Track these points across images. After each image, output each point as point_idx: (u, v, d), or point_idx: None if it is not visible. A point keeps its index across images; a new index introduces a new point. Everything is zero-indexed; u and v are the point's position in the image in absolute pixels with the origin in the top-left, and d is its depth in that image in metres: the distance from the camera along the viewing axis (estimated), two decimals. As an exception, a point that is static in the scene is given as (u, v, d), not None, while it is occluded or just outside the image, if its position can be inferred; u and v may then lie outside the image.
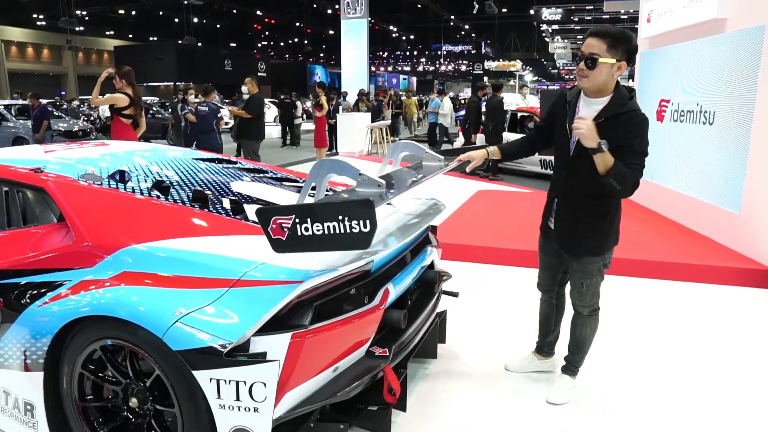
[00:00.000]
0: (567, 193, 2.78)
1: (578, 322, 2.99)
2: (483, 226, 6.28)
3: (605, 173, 2.46)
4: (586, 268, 2.82)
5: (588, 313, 2.95)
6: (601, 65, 2.51)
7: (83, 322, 2.20)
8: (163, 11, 36.40)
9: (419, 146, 3.00)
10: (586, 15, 37.07)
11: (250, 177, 3.35)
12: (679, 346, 3.68)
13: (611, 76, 2.55)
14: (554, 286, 3.11)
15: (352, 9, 19.69)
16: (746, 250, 5.07)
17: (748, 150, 5.01)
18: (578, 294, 2.91)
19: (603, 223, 2.73)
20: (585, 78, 2.56)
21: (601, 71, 2.52)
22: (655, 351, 3.60)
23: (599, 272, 2.85)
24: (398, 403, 2.60)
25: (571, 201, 2.77)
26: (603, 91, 2.60)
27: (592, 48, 2.52)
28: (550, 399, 3.01)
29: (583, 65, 2.53)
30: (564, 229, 2.81)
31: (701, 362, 3.47)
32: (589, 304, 2.92)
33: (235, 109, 9.01)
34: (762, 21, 4.88)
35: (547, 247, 3.00)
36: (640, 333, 3.88)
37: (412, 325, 2.75)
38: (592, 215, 2.73)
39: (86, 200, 2.55)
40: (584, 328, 2.98)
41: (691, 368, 3.39)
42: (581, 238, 2.77)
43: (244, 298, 2.06)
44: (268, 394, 1.99)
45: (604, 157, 2.44)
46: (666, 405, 2.99)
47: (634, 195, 2.59)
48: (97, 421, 2.34)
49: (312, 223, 1.91)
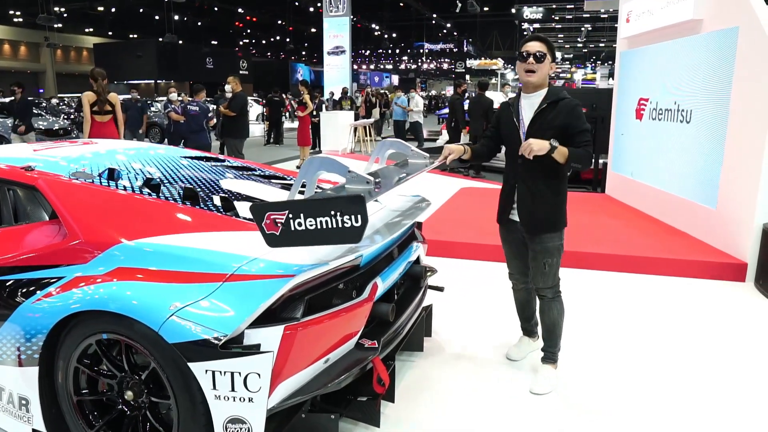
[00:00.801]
0: (525, 177, 3.04)
1: (544, 307, 3.17)
2: (466, 223, 6.37)
3: (565, 162, 2.83)
4: (547, 246, 3.06)
5: (552, 296, 3.14)
6: (546, 61, 2.98)
7: (78, 317, 2.24)
8: (144, 8, 36.00)
9: (405, 144, 3.08)
10: (567, 14, 37.43)
11: (239, 174, 3.40)
12: (657, 338, 3.80)
13: (548, 71, 3.02)
14: (527, 270, 3.26)
15: (334, 7, 19.72)
16: (721, 245, 5.22)
17: (724, 147, 5.16)
18: (541, 276, 3.11)
19: (557, 200, 3.06)
20: (533, 72, 2.98)
21: (545, 66, 2.98)
22: (634, 343, 3.71)
23: (558, 252, 3.10)
24: (387, 394, 2.68)
25: (528, 184, 3.04)
26: (543, 85, 3.04)
27: (537, 48, 2.97)
28: (533, 389, 3.11)
29: (533, 60, 2.96)
30: (526, 212, 3.06)
31: (679, 354, 3.58)
32: (552, 285, 3.12)
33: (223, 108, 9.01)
34: (736, 23, 5.03)
35: (511, 236, 3.24)
36: (619, 326, 4.00)
37: (399, 319, 2.83)
38: (547, 194, 3.03)
39: (78, 198, 2.58)
40: (551, 312, 3.15)
41: (669, 360, 3.50)
42: (541, 215, 3.04)
43: (238, 292, 2.11)
44: (263, 384, 2.05)
45: (560, 151, 2.80)
46: (645, 396, 3.09)
47: (613, 191, 2.73)
48: (93, 415, 2.38)
49: (305, 218, 1.97)
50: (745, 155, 4.87)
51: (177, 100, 9.27)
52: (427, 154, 3.15)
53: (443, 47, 52.71)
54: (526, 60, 2.96)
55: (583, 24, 40.91)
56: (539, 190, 3.02)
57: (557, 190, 3.05)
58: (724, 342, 3.77)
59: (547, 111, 2.97)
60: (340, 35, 19.86)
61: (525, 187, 3.05)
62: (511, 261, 3.33)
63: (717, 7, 5.47)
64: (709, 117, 5.41)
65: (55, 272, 2.37)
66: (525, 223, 3.08)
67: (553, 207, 3.06)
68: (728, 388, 3.17)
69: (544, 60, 2.96)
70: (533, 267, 3.13)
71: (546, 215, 3.05)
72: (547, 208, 3.04)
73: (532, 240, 3.08)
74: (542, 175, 3.00)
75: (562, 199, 3.09)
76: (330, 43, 19.99)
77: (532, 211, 3.05)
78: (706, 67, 5.49)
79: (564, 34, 48.11)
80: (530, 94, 3.05)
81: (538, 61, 2.95)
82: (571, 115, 2.93)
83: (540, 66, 2.96)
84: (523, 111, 3.06)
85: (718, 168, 5.23)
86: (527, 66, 2.97)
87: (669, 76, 6.23)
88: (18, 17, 36.75)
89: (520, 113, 3.07)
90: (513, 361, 3.43)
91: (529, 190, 3.04)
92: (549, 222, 3.05)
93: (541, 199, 3.02)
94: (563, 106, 2.96)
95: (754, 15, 4.79)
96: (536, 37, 3.03)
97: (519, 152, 2.87)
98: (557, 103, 2.97)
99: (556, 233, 3.07)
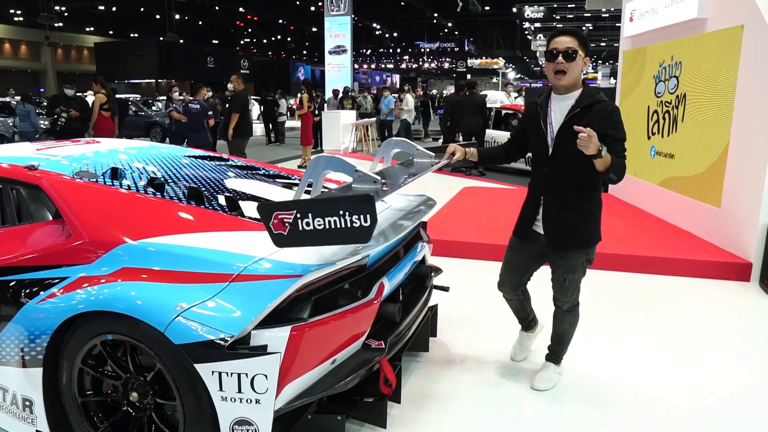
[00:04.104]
0: (552, 190, 2.82)
1: (558, 317, 3.06)
2: (469, 222, 6.36)
3: (604, 170, 2.55)
4: (571, 263, 2.86)
5: (567, 309, 3.01)
6: (578, 58, 2.64)
7: (83, 317, 2.22)
8: (145, 7, 35.96)
9: (410, 143, 3.05)
10: (568, 13, 37.37)
11: (243, 174, 3.38)
12: (661, 338, 3.78)
13: (582, 70, 2.69)
14: (520, 287, 3.12)
15: (335, 6, 19.69)
16: (726, 244, 5.20)
17: (729, 146, 5.13)
18: (560, 289, 2.95)
19: (588, 213, 2.81)
20: (563, 74, 2.66)
21: (578, 64, 2.65)
22: (637, 343, 3.69)
23: (582, 268, 2.90)
24: (394, 395, 2.66)
25: (555, 196, 2.81)
26: (576, 86, 2.72)
27: (568, 44, 2.64)
28: (535, 386, 3.09)
29: (563, 58, 2.63)
30: (552, 226, 2.83)
31: (684, 354, 3.56)
32: (570, 299, 2.97)
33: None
34: (741, 21, 5.00)
35: (523, 247, 2.99)
36: (623, 326, 3.98)
37: (406, 319, 2.81)
38: (577, 207, 2.78)
39: (83, 197, 2.56)
40: (564, 323, 3.05)
41: (673, 360, 3.48)
42: (569, 230, 2.80)
43: (245, 293, 2.09)
44: (270, 385, 2.03)
45: (605, 160, 2.52)
46: (649, 397, 3.07)
47: (616, 191, 2.68)
48: (97, 416, 2.37)
49: (313, 218, 1.95)
50: (749, 154, 4.85)
51: (179, 99, 9.26)
52: (432, 153, 3.12)
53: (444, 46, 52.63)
54: (555, 59, 2.64)
55: (585, 23, 40.86)
56: (567, 203, 2.77)
57: (588, 202, 2.79)
58: (728, 342, 3.75)
59: (579, 116, 2.64)
60: (341, 34, 19.82)
61: (550, 200, 2.81)
62: (510, 273, 3.08)
63: (721, 5, 5.45)
64: (714, 115, 5.38)
65: (59, 272, 2.35)
66: (551, 238, 2.83)
67: (584, 221, 2.79)
68: (733, 388, 3.15)
69: (575, 57, 2.62)
70: (553, 280, 2.96)
71: (574, 231, 2.79)
72: (576, 223, 2.78)
73: (555, 254, 2.87)
74: (571, 186, 2.74)
75: (594, 212, 2.82)
76: (331, 42, 19.96)
77: (559, 224, 2.79)
78: (710, 65, 5.46)
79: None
80: (562, 95, 2.74)
81: (569, 60, 2.62)
82: (607, 122, 2.61)
83: (571, 65, 2.63)
84: (552, 114, 2.76)
85: (723, 167, 5.20)
86: (557, 66, 2.64)
87: (673, 75, 6.21)
88: (19, 16, 36.71)
89: (549, 116, 2.76)
90: (517, 362, 3.38)
91: (556, 203, 2.79)
92: (577, 238, 2.81)
93: (570, 213, 2.77)
94: (599, 110, 2.63)
95: (759, 13, 4.76)
96: (565, 31, 2.68)
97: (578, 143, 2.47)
98: (592, 107, 2.65)
99: (584, 249, 2.84)
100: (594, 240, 2.87)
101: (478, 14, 33.23)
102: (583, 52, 2.66)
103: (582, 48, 2.65)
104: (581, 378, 3.22)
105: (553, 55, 2.65)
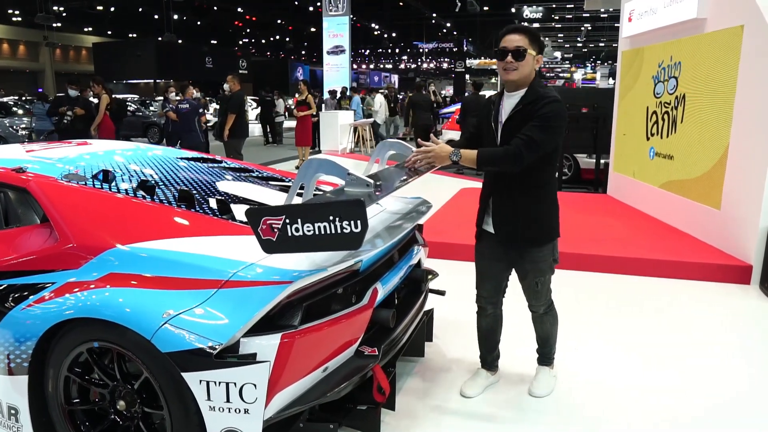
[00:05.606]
0: (500, 187, 2.77)
1: (537, 320, 3.03)
2: (467, 224, 6.28)
3: (477, 167, 2.59)
4: (539, 266, 2.82)
5: (544, 311, 3.00)
6: (529, 56, 2.62)
7: (69, 324, 2.17)
8: (143, 7, 35.88)
9: (406, 145, 3.00)
10: (567, 13, 37.36)
11: (236, 176, 3.33)
12: (660, 341, 3.73)
13: (533, 67, 2.66)
14: (499, 295, 3.03)
15: (333, 6, 19.63)
16: (726, 247, 5.15)
17: (729, 147, 5.09)
18: (534, 294, 2.92)
19: (538, 210, 2.76)
20: (514, 71, 2.63)
21: (528, 62, 2.63)
22: (636, 347, 3.65)
23: (551, 268, 2.88)
24: (387, 402, 2.61)
25: (505, 194, 2.76)
26: (525, 84, 2.68)
27: (517, 42, 2.61)
28: (533, 392, 3.05)
29: (512, 57, 2.61)
30: (504, 225, 2.78)
31: (684, 357, 3.52)
32: (544, 301, 2.96)
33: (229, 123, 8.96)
34: (740, 21, 4.96)
35: (488, 252, 2.91)
36: (622, 329, 3.93)
37: (400, 324, 2.76)
38: (528, 204, 2.74)
39: (70, 200, 2.51)
40: (544, 325, 3.03)
41: (673, 363, 3.44)
42: (520, 229, 2.75)
43: (234, 299, 2.04)
44: (259, 395, 1.98)
45: (466, 157, 2.56)
46: (648, 401, 3.03)
47: (615, 193, 2.62)
48: (84, 425, 2.32)
49: (302, 224, 1.90)
50: (750, 155, 4.81)
51: (176, 99, 9.23)
52: None
53: (443, 46, 52.58)
54: (504, 58, 2.61)
55: (583, 23, 40.84)
56: (516, 200, 2.72)
57: (537, 198, 2.74)
58: (728, 345, 3.71)
59: (523, 112, 2.62)
60: (339, 35, 19.76)
61: (499, 198, 2.78)
62: (485, 281, 2.98)
63: (721, 5, 5.40)
64: (713, 116, 5.34)
65: (47, 278, 2.31)
66: (501, 236, 2.79)
67: (536, 219, 2.74)
68: (733, 392, 3.10)
69: (525, 56, 2.60)
70: (524, 286, 2.92)
71: (527, 228, 2.74)
72: (527, 221, 2.73)
73: (521, 257, 2.81)
74: (518, 183, 2.69)
75: (548, 208, 2.77)
76: (329, 42, 19.91)
77: (509, 222, 2.75)
78: (710, 66, 5.42)
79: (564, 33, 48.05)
80: (511, 92, 2.72)
81: (519, 58, 2.59)
82: (538, 113, 2.56)
83: (521, 64, 2.60)
84: (503, 111, 2.73)
85: (723, 168, 5.16)
86: (505, 65, 2.62)
87: (672, 76, 6.17)
88: (17, 16, 36.63)
89: (500, 114, 2.74)
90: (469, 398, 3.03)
91: (504, 201, 2.76)
92: (530, 237, 2.76)
93: (520, 210, 2.73)
94: (541, 106, 2.58)
95: (759, 13, 4.72)
96: (515, 29, 2.65)
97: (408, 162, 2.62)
98: (536, 103, 2.60)
99: (542, 247, 2.79)
100: (550, 237, 2.81)
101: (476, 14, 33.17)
102: (534, 51, 2.63)
103: (533, 46, 2.63)
104: (579, 384, 3.18)
105: (502, 53, 2.63)
